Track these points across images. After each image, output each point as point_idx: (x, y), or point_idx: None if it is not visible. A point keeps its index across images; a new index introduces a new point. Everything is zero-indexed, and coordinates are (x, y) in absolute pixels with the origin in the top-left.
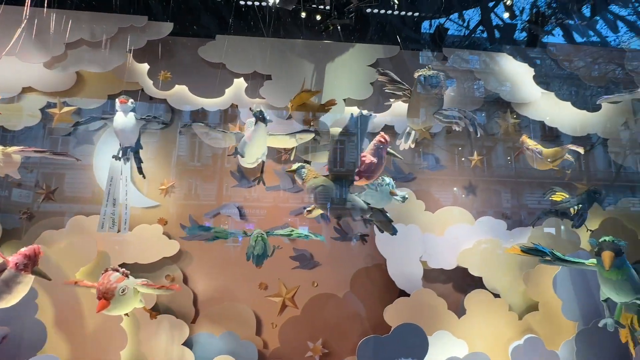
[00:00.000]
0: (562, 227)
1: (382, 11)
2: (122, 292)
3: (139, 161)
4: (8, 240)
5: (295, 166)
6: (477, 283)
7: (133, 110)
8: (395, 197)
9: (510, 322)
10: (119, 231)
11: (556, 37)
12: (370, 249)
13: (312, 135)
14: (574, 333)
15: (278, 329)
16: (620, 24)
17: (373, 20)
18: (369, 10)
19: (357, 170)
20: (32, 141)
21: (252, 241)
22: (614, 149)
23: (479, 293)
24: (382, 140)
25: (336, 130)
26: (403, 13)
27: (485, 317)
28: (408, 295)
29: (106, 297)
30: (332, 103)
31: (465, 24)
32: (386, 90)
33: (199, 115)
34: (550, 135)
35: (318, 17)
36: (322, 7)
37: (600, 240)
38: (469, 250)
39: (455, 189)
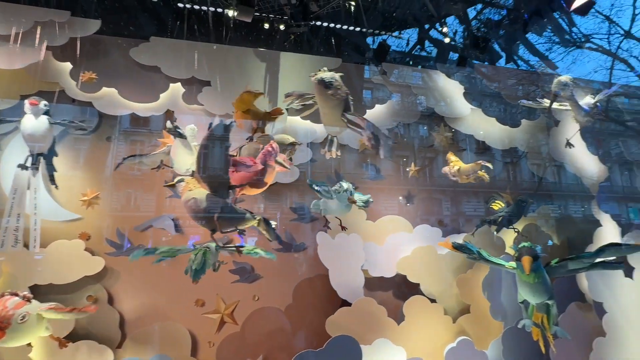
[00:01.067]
0: (495, 234)
1: (325, 24)
2: (21, 320)
3: (51, 169)
4: None
5: (175, 180)
6: (415, 289)
7: (46, 113)
8: (356, 204)
9: (445, 325)
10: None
11: (484, 59)
12: (313, 260)
13: None
14: (501, 333)
15: (216, 347)
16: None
17: (319, 33)
18: (313, 22)
19: (237, 176)
20: None
21: (193, 254)
22: (535, 162)
23: (417, 299)
24: (270, 149)
25: (283, 138)
26: (346, 27)
27: (423, 322)
28: (350, 304)
29: (0, 326)
30: (278, 112)
31: (405, 42)
32: (295, 105)
33: (141, 121)
34: (482, 147)
35: (282, 27)
36: (281, 16)
37: (520, 246)
38: (408, 257)
39: (400, 197)
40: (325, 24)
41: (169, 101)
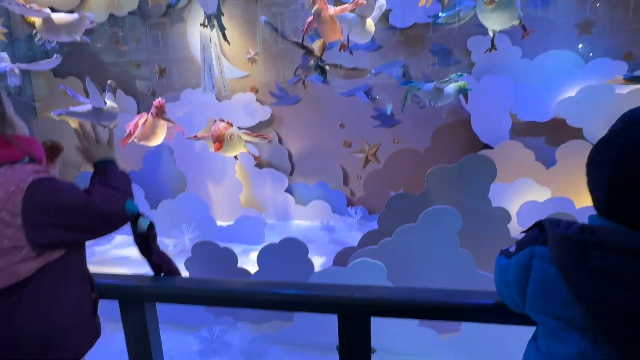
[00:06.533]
0: None
1: None
2: (230, 138)
3: (222, 28)
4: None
5: None
6: (576, 134)
7: None
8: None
9: None
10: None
11: None
12: (454, 105)
13: None
14: None
15: (362, 180)
16: None
17: None
18: None
19: None
20: None
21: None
22: None
23: (575, 144)
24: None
25: None
26: None
27: (578, 169)
28: (492, 148)
29: (219, 140)
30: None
31: None
32: None
33: None
34: None
35: None
36: None
37: None
38: (571, 98)
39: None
40: None
41: None
